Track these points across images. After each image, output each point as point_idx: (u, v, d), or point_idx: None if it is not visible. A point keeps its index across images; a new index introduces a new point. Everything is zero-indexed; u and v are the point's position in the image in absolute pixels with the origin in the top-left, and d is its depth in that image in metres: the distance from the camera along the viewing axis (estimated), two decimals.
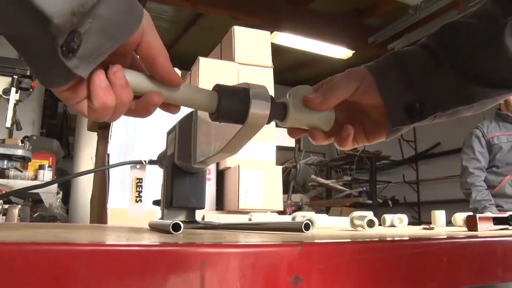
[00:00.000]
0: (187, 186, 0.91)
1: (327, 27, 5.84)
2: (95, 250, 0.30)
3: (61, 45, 0.38)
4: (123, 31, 0.43)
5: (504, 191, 2.88)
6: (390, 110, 0.60)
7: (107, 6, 0.40)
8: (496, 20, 0.57)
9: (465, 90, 0.57)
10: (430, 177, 7.52)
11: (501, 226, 0.87)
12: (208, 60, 1.94)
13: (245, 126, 0.55)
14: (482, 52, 0.57)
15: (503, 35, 0.56)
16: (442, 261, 0.45)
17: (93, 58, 0.41)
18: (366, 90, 0.61)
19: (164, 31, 6.56)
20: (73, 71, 0.40)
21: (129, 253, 0.30)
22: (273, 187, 1.77)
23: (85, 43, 0.40)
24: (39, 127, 5.44)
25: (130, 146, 1.79)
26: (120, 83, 0.45)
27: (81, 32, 0.39)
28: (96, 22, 0.40)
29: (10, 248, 0.28)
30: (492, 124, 2.98)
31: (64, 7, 0.36)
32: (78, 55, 0.39)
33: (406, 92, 0.60)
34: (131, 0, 0.44)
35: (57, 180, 3.31)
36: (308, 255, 0.36)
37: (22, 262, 0.28)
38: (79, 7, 0.37)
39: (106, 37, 0.41)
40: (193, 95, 0.53)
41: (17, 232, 0.55)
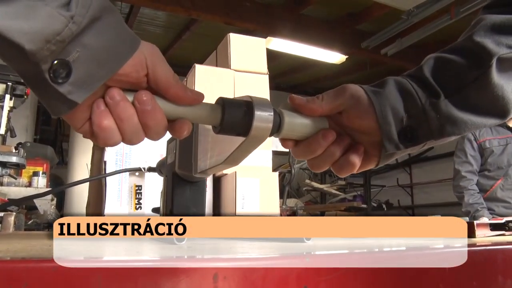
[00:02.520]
0: (188, 195, 0.91)
1: (320, 32, 5.86)
2: (110, 268, 0.31)
3: (48, 71, 0.41)
4: (116, 60, 0.45)
5: (495, 195, 2.89)
6: (386, 134, 0.58)
7: (95, 35, 0.42)
8: (481, 58, 0.58)
9: (458, 121, 0.57)
10: (424, 181, 7.57)
11: (498, 232, 0.89)
12: (204, 67, 1.94)
13: (248, 138, 0.56)
14: (472, 88, 0.58)
15: (491, 74, 0.57)
16: (445, 271, 0.46)
17: (87, 85, 0.43)
18: (362, 111, 0.59)
19: (158, 37, 6.56)
20: (67, 96, 0.42)
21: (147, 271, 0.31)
22: (269, 194, 1.77)
23: (77, 70, 0.42)
24: (33, 134, 5.42)
25: (126, 153, 1.79)
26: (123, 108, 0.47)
27: (69, 60, 0.41)
28: (84, 51, 0.42)
29: (28, 266, 0.29)
30: (485, 128, 3.01)
31: (35, 36, 0.39)
32: (70, 82, 0.42)
33: (403, 116, 0.59)
34: (124, 29, 0.46)
35: (59, 188, 3.29)
36: (317, 267, 0.37)
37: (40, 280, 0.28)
38: (54, 35, 0.40)
39: (98, 65, 0.43)
40: (196, 109, 0.54)
41: (23, 244, 0.56)
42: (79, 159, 4.60)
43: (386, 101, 0.59)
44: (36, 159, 3.61)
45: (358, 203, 6.41)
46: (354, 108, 0.59)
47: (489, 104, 0.58)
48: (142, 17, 5.97)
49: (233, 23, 5.32)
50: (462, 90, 0.58)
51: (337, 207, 6.54)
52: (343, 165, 0.60)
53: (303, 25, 5.73)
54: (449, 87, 0.59)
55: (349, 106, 0.59)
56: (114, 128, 0.46)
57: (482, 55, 0.58)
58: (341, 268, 0.38)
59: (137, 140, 0.48)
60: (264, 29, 5.44)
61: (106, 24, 0.44)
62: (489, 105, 0.58)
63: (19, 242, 0.61)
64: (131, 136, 0.48)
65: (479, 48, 0.59)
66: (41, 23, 0.39)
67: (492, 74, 0.57)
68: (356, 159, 0.59)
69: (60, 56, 0.41)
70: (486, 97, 0.58)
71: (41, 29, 0.39)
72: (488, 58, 0.57)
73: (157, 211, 1.01)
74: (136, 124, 0.47)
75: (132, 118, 0.47)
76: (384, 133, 0.58)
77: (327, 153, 0.59)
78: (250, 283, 0.33)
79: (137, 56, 0.46)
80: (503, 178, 2.89)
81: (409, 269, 0.43)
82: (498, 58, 0.57)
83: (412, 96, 0.59)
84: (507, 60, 0.58)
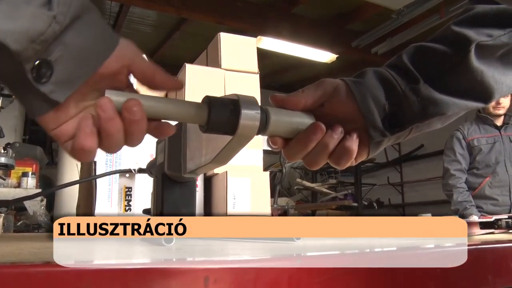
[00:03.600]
0: (178, 195, 0.91)
1: (310, 31, 5.87)
2: (100, 270, 0.30)
3: (30, 71, 0.40)
4: (97, 58, 0.45)
5: (484, 193, 2.92)
6: (370, 122, 0.59)
7: (76, 34, 0.42)
8: (459, 47, 0.59)
9: (440, 102, 0.58)
10: (414, 179, 7.61)
11: (487, 230, 0.89)
12: (194, 67, 1.94)
13: (235, 137, 0.55)
14: (451, 72, 0.59)
15: (469, 59, 0.58)
16: (436, 271, 0.46)
17: (69, 83, 0.43)
18: (343, 99, 0.60)
19: (148, 36, 6.52)
20: (49, 96, 0.42)
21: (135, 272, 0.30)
22: (261, 193, 1.77)
23: (58, 69, 0.42)
24: (22, 134, 5.37)
25: (117, 154, 1.78)
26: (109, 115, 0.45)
27: (51, 60, 0.41)
28: (66, 50, 0.42)
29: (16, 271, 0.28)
30: (473, 127, 3.03)
31: (20, 36, 0.38)
32: (52, 81, 0.42)
33: (384, 103, 0.59)
34: (103, 27, 0.46)
35: (49, 190, 3.26)
36: (308, 269, 0.36)
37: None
38: (38, 35, 0.39)
39: (79, 63, 0.43)
40: (182, 109, 0.53)
41: (10, 247, 0.55)
42: (69, 160, 4.55)
43: (366, 90, 0.60)
44: (25, 159, 3.58)
45: (349, 202, 6.43)
46: (334, 97, 0.60)
47: (469, 89, 0.59)
48: (132, 16, 5.93)
49: (224, 22, 5.31)
50: (442, 75, 0.59)
51: (328, 206, 6.56)
52: (340, 154, 0.59)
53: (294, 24, 5.74)
54: (429, 72, 0.60)
55: (330, 96, 0.60)
56: (95, 147, 0.45)
57: (461, 42, 0.59)
58: (333, 269, 0.38)
59: (117, 149, 0.48)
60: (255, 28, 5.44)
61: (86, 22, 0.44)
62: (470, 90, 0.59)
63: (7, 245, 0.60)
64: (111, 148, 0.47)
65: (459, 36, 0.60)
66: (26, 23, 0.39)
67: (471, 59, 0.58)
68: (352, 144, 0.59)
69: (43, 56, 0.41)
70: (466, 82, 0.59)
71: (26, 29, 0.39)
72: (467, 43, 0.58)
73: (148, 212, 1.01)
74: (121, 137, 0.47)
75: (119, 133, 0.46)
76: (368, 121, 0.59)
77: (321, 146, 0.58)
78: (242, 286, 0.33)
79: (117, 53, 0.47)
80: (491, 176, 2.92)
81: (401, 269, 0.43)
82: (477, 44, 0.58)
83: (391, 83, 0.60)
84: (486, 47, 0.59)
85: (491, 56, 0.60)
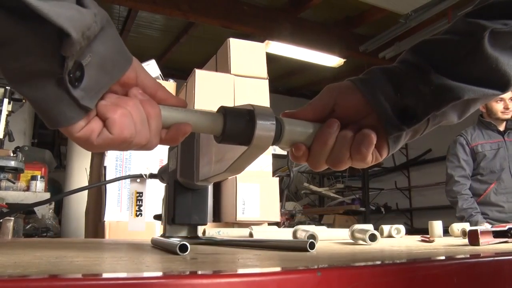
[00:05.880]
0: (190, 202, 0.91)
1: (318, 35, 5.88)
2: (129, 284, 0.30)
3: (68, 72, 0.41)
4: (118, 69, 0.48)
5: (489, 199, 2.87)
6: (383, 116, 0.59)
7: (102, 43, 0.44)
8: (472, 34, 0.58)
9: (454, 88, 0.57)
10: (422, 184, 7.57)
11: (501, 239, 0.89)
12: (204, 72, 1.94)
13: (250, 148, 0.55)
14: (465, 61, 0.58)
15: (483, 46, 0.57)
16: (453, 281, 0.46)
17: (95, 92, 0.44)
18: (351, 97, 0.60)
19: (156, 40, 6.56)
20: (80, 101, 0.43)
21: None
22: (270, 199, 1.77)
23: (87, 75, 0.43)
24: (31, 137, 5.40)
25: (126, 159, 1.79)
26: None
27: (83, 63, 0.42)
28: (95, 57, 0.43)
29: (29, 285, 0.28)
30: (476, 132, 2.99)
31: (77, 24, 0.39)
32: (82, 87, 0.43)
33: (395, 97, 0.59)
34: (121, 42, 0.48)
35: (59, 196, 3.28)
36: (328, 282, 0.36)
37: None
38: (87, 28, 0.40)
39: (103, 72, 0.45)
40: (198, 119, 0.53)
41: (29, 256, 0.55)
42: (78, 163, 4.58)
43: (374, 86, 0.60)
44: (34, 163, 3.61)
45: (356, 206, 6.41)
46: (343, 99, 0.60)
47: (485, 76, 0.58)
48: (140, 20, 5.97)
49: (231, 26, 5.33)
50: (454, 65, 0.58)
51: (335, 210, 6.54)
52: (360, 143, 0.58)
53: (301, 28, 5.75)
54: (440, 63, 0.59)
55: (338, 97, 0.60)
56: (129, 114, 0.47)
57: (474, 30, 0.58)
58: (353, 282, 0.38)
59: (145, 133, 0.49)
60: (262, 32, 5.45)
61: (108, 34, 0.45)
62: (485, 77, 0.58)
63: (24, 253, 0.60)
64: (141, 126, 0.48)
65: (472, 25, 0.59)
66: (76, 14, 0.39)
67: (485, 46, 0.57)
68: (371, 132, 0.58)
69: (80, 58, 0.42)
70: (481, 69, 0.58)
71: (78, 18, 0.39)
72: (481, 30, 0.57)
73: (159, 218, 1.01)
74: (142, 112, 0.49)
75: (138, 106, 0.49)
76: (380, 116, 0.59)
77: (341, 138, 0.58)
78: None
79: (132, 66, 0.50)
80: (496, 182, 2.87)
81: (422, 280, 0.43)
82: (491, 31, 0.57)
83: (400, 77, 0.60)
84: (501, 33, 0.58)
85: (506, 43, 0.58)
